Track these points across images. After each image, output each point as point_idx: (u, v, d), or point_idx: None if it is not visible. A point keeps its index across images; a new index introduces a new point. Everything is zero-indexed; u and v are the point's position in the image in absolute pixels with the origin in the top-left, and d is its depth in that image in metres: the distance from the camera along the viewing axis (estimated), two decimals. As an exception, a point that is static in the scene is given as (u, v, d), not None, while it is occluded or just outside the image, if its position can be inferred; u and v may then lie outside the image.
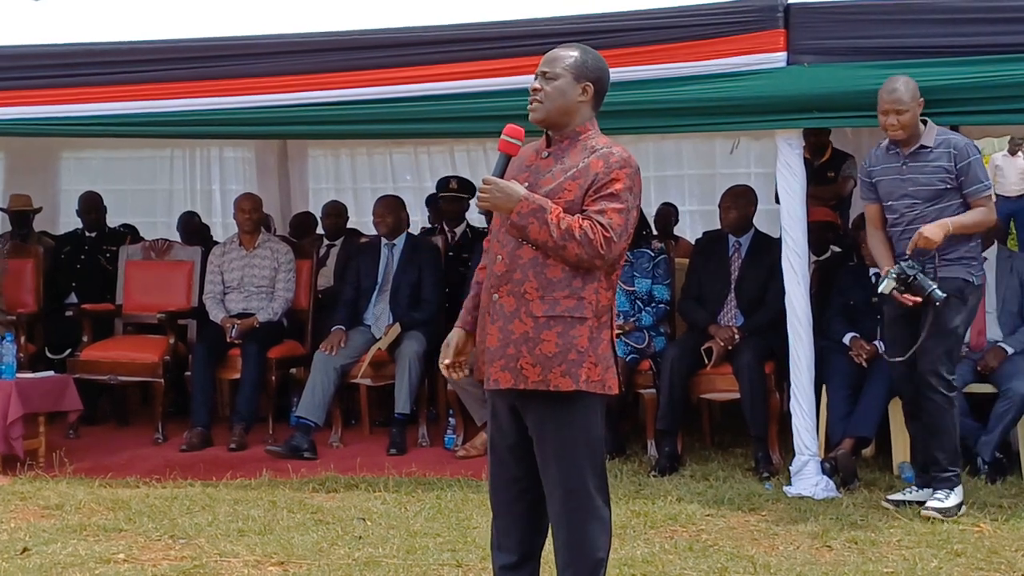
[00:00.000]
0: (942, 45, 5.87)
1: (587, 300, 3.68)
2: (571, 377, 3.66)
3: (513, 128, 3.81)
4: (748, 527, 5.47)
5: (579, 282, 3.68)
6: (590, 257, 3.64)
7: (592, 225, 3.63)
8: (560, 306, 3.67)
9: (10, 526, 5.60)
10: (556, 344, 3.66)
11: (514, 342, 3.69)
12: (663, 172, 10.97)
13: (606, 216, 3.64)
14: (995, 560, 4.94)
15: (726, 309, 6.95)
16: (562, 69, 3.79)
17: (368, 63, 6.43)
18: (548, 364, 3.66)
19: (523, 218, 3.67)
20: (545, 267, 3.69)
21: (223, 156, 11.58)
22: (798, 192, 6.16)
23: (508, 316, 3.71)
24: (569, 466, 3.73)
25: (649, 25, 6.12)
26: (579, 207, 3.68)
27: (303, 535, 5.36)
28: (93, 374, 7.70)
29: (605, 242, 3.63)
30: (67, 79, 6.79)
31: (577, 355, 3.66)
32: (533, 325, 3.68)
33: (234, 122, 6.85)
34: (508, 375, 3.70)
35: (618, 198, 3.66)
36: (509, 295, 3.72)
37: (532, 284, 3.69)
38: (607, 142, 3.78)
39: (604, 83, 3.85)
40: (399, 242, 7.72)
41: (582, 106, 3.80)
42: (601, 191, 3.67)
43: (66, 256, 8.76)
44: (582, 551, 3.76)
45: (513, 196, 3.69)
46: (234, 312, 7.78)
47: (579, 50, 3.85)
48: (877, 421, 6.40)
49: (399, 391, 7.25)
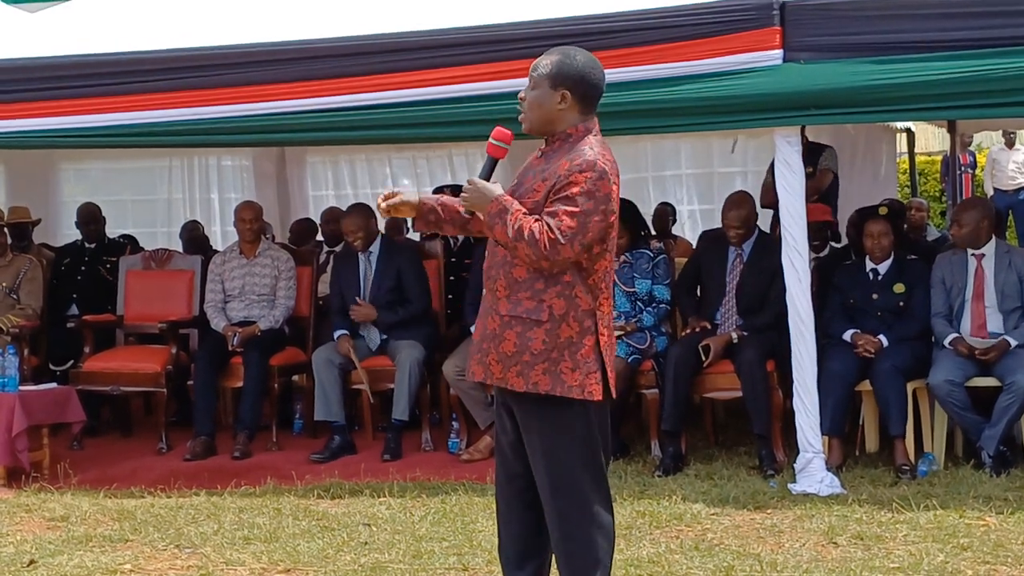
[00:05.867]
0: (937, 40, 5.86)
1: (547, 303, 3.70)
2: (523, 378, 3.70)
3: (501, 131, 3.83)
4: (753, 525, 5.47)
5: (541, 284, 3.71)
6: (537, 258, 3.65)
7: (542, 226, 3.64)
8: (521, 307, 3.72)
9: (16, 538, 5.60)
10: (514, 344, 3.72)
11: (486, 337, 3.79)
12: (662, 172, 10.99)
13: (557, 218, 3.64)
14: (1001, 553, 4.95)
15: (724, 311, 6.96)
16: (539, 77, 3.80)
17: (365, 69, 6.42)
18: (507, 363, 3.73)
19: (491, 218, 3.72)
20: (512, 267, 3.74)
21: (221, 165, 11.60)
22: (798, 190, 6.16)
23: (485, 312, 3.82)
24: (555, 467, 3.75)
25: (644, 25, 6.11)
26: (543, 208, 3.71)
27: (309, 542, 5.36)
28: (96, 385, 7.69)
29: (550, 244, 3.62)
30: (65, 91, 6.78)
31: (531, 357, 3.69)
32: (499, 323, 3.75)
33: (232, 131, 6.84)
34: (480, 369, 3.81)
35: (572, 201, 3.65)
36: (489, 292, 3.82)
37: (502, 283, 3.76)
38: (591, 143, 3.75)
39: (587, 85, 3.80)
40: (374, 249, 7.66)
41: (564, 112, 3.79)
42: (559, 193, 3.68)
43: (66, 268, 8.75)
44: (575, 552, 3.77)
45: (487, 196, 3.74)
46: (235, 320, 7.78)
47: (559, 55, 3.83)
48: (906, 413, 6.41)
49: (398, 397, 7.25)
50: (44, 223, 9.69)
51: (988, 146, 16.68)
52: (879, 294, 6.80)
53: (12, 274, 8.08)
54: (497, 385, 3.79)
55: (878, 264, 6.83)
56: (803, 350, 6.16)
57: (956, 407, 6.35)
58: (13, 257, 8.20)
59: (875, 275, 6.84)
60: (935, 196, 16.26)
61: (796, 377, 6.18)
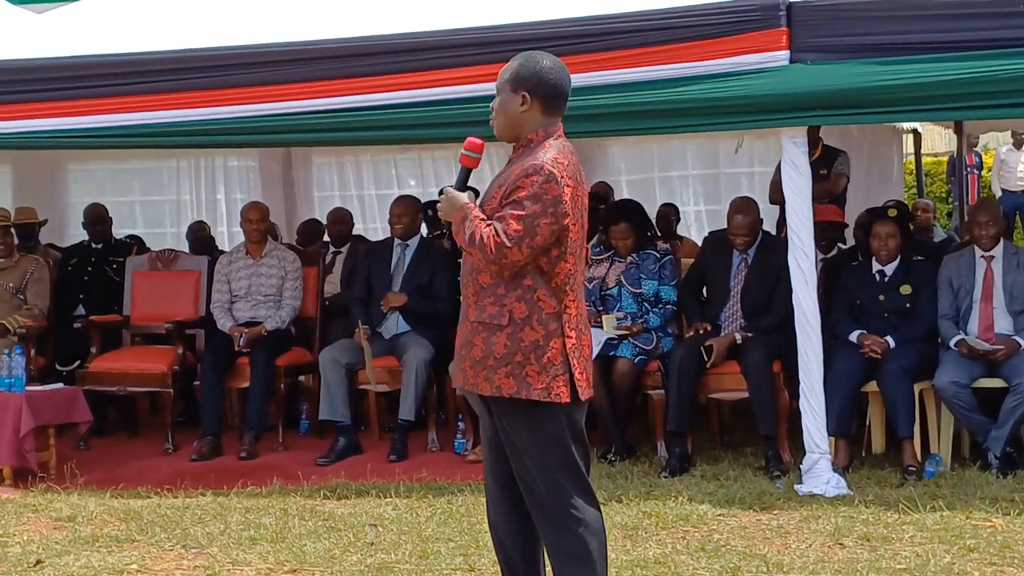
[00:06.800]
0: (944, 40, 5.86)
1: (507, 307, 3.74)
2: (488, 382, 3.76)
3: (472, 141, 3.90)
4: (760, 526, 5.47)
5: (502, 289, 3.75)
6: (487, 262, 3.72)
7: (491, 231, 3.69)
8: (486, 312, 3.77)
9: (23, 538, 5.61)
10: (481, 349, 3.77)
11: (462, 344, 3.86)
12: (668, 172, 10.98)
13: (504, 222, 3.69)
14: (1008, 555, 4.94)
15: (728, 313, 6.95)
16: (502, 83, 3.85)
17: (373, 69, 6.42)
18: (476, 367, 3.79)
19: (456, 227, 3.81)
20: (479, 274, 3.80)
21: (227, 165, 11.61)
22: (804, 191, 6.16)
23: (462, 319, 3.88)
24: (531, 467, 3.78)
25: (650, 26, 6.11)
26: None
27: (315, 542, 5.36)
28: (102, 385, 7.70)
29: (496, 247, 3.67)
30: (72, 91, 6.78)
31: (494, 362, 3.74)
32: (469, 329, 3.82)
33: (240, 131, 6.85)
34: (459, 374, 3.89)
35: (520, 205, 3.69)
36: (463, 298, 3.89)
37: (471, 290, 3.83)
38: (547, 147, 3.77)
39: (546, 86, 3.80)
40: (412, 244, 7.72)
41: (527, 115, 3.81)
42: (508, 198, 3.73)
43: (73, 268, 8.76)
44: (562, 550, 3.80)
45: (454, 206, 3.81)
46: (242, 321, 7.79)
47: (518, 60, 3.86)
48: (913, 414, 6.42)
49: (404, 398, 7.25)
50: (51, 223, 9.70)
51: (994, 147, 16.68)
52: (886, 295, 6.79)
53: (19, 274, 8.09)
54: (470, 390, 3.86)
55: (885, 265, 6.83)
56: (809, 351, 6.15)
57: (962, 408, 6.34)
58: (20, 257, 8.21)
59: (882, 276, 6.83)
60: (941, 197, 16.25)
61: (802, 378, 6.17)
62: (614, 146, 10.70)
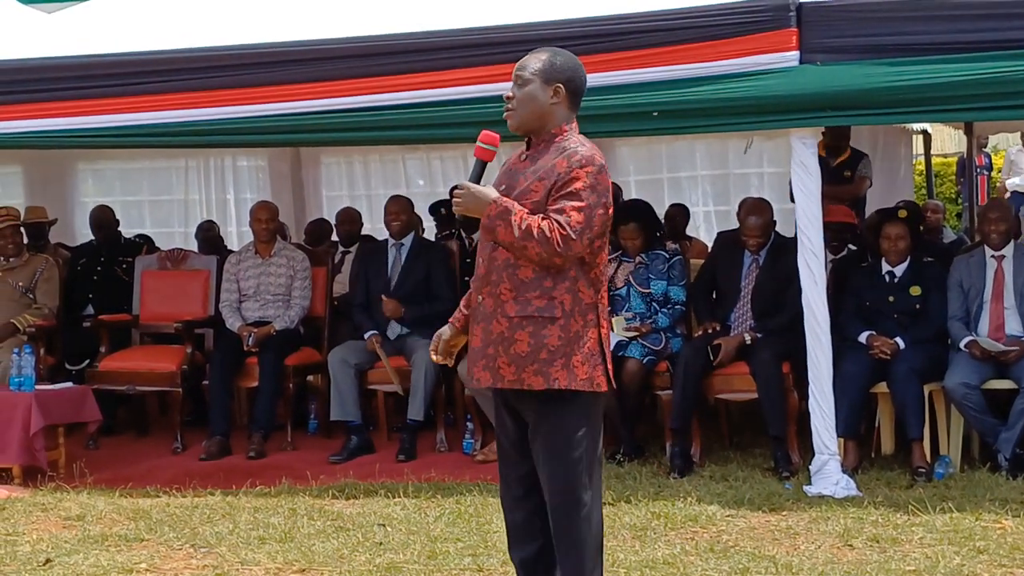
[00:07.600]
0: (954, 41, 5.85)
1: (558, 300, 3.75)
2: (543, 376, 3.74)
3: (488, 134, 3.89)
4: (769, 527, 5.46)
5: (550, 282, 3.75)
6: (549, 255, 3.69)
7: (551, 224, 3.68)
8: (531, 306, 3.75)
9: (32, 537, 5.62)
10: (528, 344, 3.75)
11: (492, 342, 3.80)
12: (677, 173, 10.96)
13: (564, 215, 3.69)
14: (1018, 556, 4.93)
15: (738, 313, 6.95)
16: (531, 74, 3.85)
17: (382, 69, 6.42)
18: (521, 363, 3.75)
19: (492, 221, 3.75)
20: (517, 268, 3.77)
21: (236, 165, 11.61)
22: (814, 192, 6.15)
23: (488, 317, 3.82)
24: (562, 463, 3.79)
25: (660, 27, 6.10)
26: (544, 207, 3.74)
27: (324, 542, 5.37)
28: (111, 385, 7.72)
29: (562, 240, 3.67)
30: (82, 91, 6.80)
31: (548, 354, 3.73)
32: (508, 325, 3.77)
33: (250, 131, 6.86)
34: (488, 374, 3.82)
35: (577, 196, 3.71)
36: (488, 296, 3.83)
37: (506, 285, 3.78)
38: (579, 141, 3.82)
39: (576, 83, 3.88)
40: (407, 242, 7.73)
41: (555, 108, 3.84)
42: (562, 190, 3.73)
43: (82, 267, 8.78)
44: (574, 548, 3.82)
45: (484, 200, 3.77)
46: (250, 320, 7.79)
47: (548, 53, 3.90)
48: (922, 416, 6.40)
49: (413, 398, 7.26)
50: (61, 223, 9.73)
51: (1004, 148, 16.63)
52: (895, 296, 6.78)
53: (28, 274, 8.10)
54: (511, 388, 3.80)
55: (894, 266, 6.81)
56: (819, 352, 6.14)
57: (972, 410, 6.33)
58: (29, 257, 8.22)
59: (891, 277, 6.82)
60: (951, 198, 16.21)
61: (812, 379, 6.16)
62: (623, 147, 10.68)
